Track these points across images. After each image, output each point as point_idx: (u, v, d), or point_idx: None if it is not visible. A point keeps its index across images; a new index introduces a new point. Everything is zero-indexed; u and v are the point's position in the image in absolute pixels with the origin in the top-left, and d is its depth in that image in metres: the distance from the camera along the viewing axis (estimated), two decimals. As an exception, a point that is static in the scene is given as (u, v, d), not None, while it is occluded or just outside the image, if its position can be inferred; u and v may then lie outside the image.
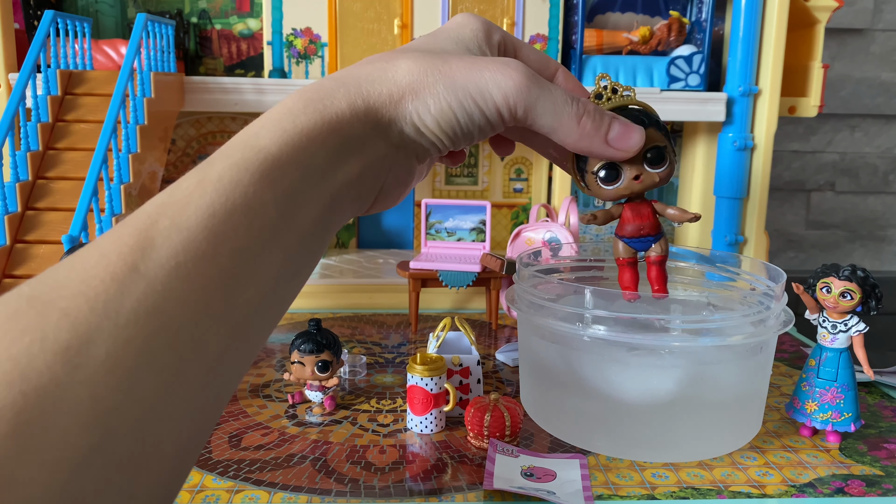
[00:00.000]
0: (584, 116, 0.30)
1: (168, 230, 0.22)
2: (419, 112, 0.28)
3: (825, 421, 0.65)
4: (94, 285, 0.21)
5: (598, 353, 0.62)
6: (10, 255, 0.84)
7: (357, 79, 0.28)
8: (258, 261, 0.24)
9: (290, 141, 0.25)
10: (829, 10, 1.10)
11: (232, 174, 0.24)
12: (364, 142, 0.27)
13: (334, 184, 0.26)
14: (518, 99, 0.28)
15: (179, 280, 0.22)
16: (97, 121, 0.93)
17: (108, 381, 0.20)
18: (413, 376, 0.68)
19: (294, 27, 1.12)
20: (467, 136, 0.29)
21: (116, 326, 0.20)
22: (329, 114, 0.26)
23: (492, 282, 0.99)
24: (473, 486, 0.59)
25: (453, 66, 0.28)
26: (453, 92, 0.27)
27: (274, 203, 0.24)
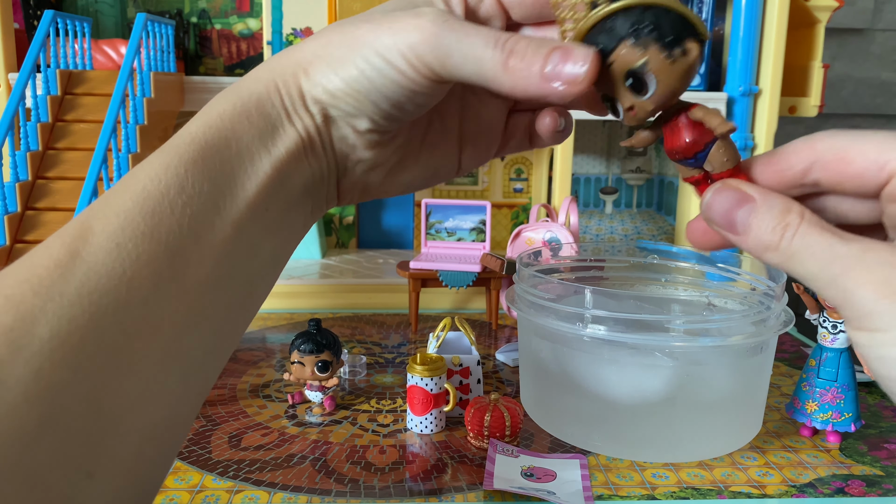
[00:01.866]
0: (512, 58, 0.25)
1: (106, 217, 0.23)
2: (326, 75, 0.27)
3: (825, 421, 0.65)
4: (38, 273, 0.22)
5: (598, 354, 0.61)
6: (10, 255, 0.84)
7: (271, 61, 0.28)
8: (202, 236, 0.24)
9: (214, 123, 0.26)
10: (830, 10, 1.10)
11: (161, 159, 0.25)
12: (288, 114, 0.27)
13: (274, 157, 0.26)
14: (424, 49, 0.25)
15: (122, 260, 0.22)
16: (97, 121, 0.93)
17: (52, 357, 0.21)
18: (413, 376, 0.68)
19: (294, 27, 1.12)
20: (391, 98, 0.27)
21: (60, 307, 0.21)
22: (245, 94, 0.27)
23: (492, 282, 0.99)
24: (473, 486, 0.59)
25: (362, 25, 0.27)
26: (357, 50, 0.26)
27: (209, 180, 0.25)
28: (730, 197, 0.25)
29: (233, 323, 0.26)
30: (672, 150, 0.29)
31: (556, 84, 0.25)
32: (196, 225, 0.24)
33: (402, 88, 0.27)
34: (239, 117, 0.26)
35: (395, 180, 0.32)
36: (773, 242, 0.24)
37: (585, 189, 1.31)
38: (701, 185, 0.30)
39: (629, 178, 1.31)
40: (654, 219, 1.33)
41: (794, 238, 0.23)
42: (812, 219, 0.23)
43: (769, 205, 0.24)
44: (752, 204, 0.24)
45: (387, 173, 0.31)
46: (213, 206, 0.25)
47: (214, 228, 0.25)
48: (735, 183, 0.26)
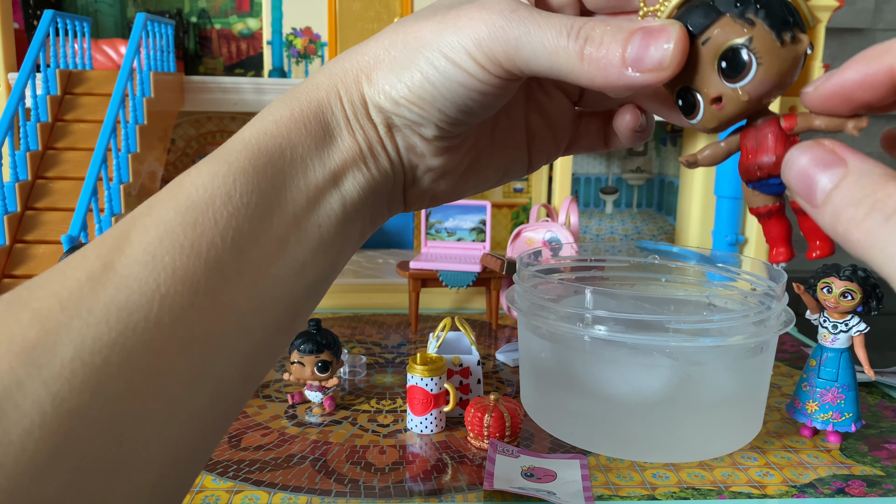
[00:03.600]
0: (588, 46, 0.22)
1: (145, 226, 0.22)
2: (389, 82, 0.25)
3: (826, 421, 0.65)
4: (68, 285, 0.20)
5: (598, 354, 0.61)
6: (10, 254, 0.84)
7: (330, 65, 0.26)
8: (245, 251, 0.23)
9: (269, 130, 0.24)
10: (830, 10, 1.10)
11: (210, 167, 0.23)
12: (349, 122, 0.25)
13: (329, 167, 0.25)
14: (493, 43, 0.23)
15: (156, 274, 0.21)
16: (97, 120, 0.93)
17: (73, 380, 0.19)
18: (413, 376, 0.68)
19: (294, 27, 1.12)
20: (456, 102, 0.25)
21: (86, 325, 0.20)
22: (305, 100, 0.25)
23: (492, 282, 0.99)
24: (473, 486, 0.58)
25: (424, 24, 0.25)
26: (420, 52, 0.24)
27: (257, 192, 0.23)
28: (817, 155, 0.20)
29: (271, 344, 0.24)
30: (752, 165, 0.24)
31: (637, 72, 0.22)
32: (240, 239, 0.22)
33: (470, 91, 0.25)
34: (296, 124, 0.25)
35: (467, 183, 0.30)
36: (855, 218, 0.18)
37: (585, 189, 1.31)
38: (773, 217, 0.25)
39: (629, 178, 1.31)
40: (654, 219, 1.33)
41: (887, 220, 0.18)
42: None
43: (862, 171, 0.19)
44: (843, 168, 0.19)
45: (459, 178, 0.29)
46: (259, 220, 0.23)
47: (259, 243, 0.23)
48: (830, 143, 0.20)
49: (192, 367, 0.21)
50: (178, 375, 0.21)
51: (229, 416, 0.24)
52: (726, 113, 0.23)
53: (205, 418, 0.23)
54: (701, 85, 0.23)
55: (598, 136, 0.31)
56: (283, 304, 0.24)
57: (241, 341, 0.23)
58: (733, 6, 0.22)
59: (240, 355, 0.23)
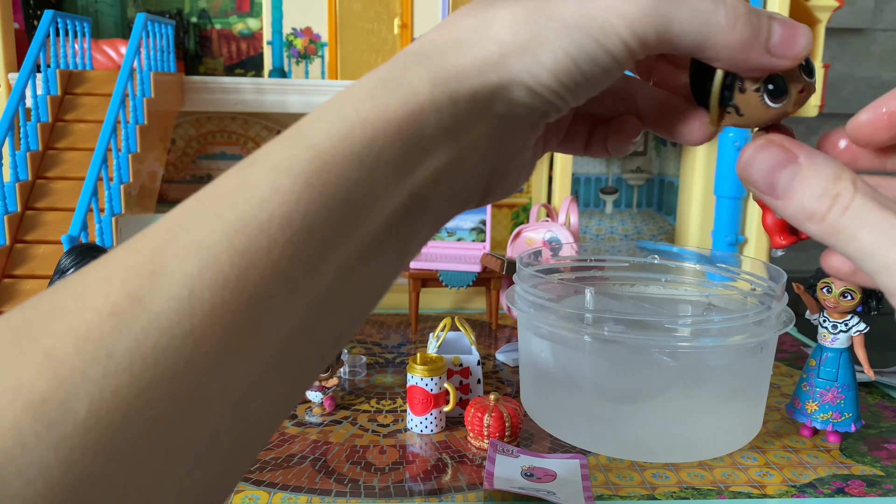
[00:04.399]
0: (738, 20, 0.22)
1: (185, 250, 0.18)
2: (531, 70, 0.22)
3: (826, 421, 0.65)
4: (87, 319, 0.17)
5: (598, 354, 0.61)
6: (10, 255, 0.84)
7: (441, 47, 0.22)
8: (298, 283, 0.19)
9: (348, 134, 0.20)
10: (830, 9, 1.10)
11: (272, 179, 0.19)
12: (456, 124, 0.21)
13: (416, 180, 0.21)
14: (647, 23, 0.22)
15: (192, 313, 0.18)
16: (97, 120, 0.93)
17: (86, 441, 0.16)
18: (413, 376, 0.68)
19: (294, 27, 1.12)
20: (592, 84, 0.23)
21: (105, 374, 0.17)
22: (404, 94, 0.21)
23: (492, 282, 0.99)
24: (473, 486, 0.59)
25: (560, 4, 0.22)
26: (568, 35, 0.22)
27: (324, 212, 0.19)
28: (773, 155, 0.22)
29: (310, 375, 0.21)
30: None
31: (777, 59, 0.23)
32: (294, 271, 0.19)
33: (609, 72, 0.23)
34: (386, 126, 0.20)
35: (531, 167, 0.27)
36: (818, 212, 0.21)
37: (585, 189, 1.31)
38: None
39: (629, 178, 1.31)
40: (654, 219, 1.33)
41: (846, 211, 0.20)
42: (866, 190, 0.20)
43: (816, 168, 0.21)
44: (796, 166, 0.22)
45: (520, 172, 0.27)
46: (321, 245, 0.19)
47: (317, 273, 0.19)
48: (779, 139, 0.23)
49: (221, 415, 0.18)
50: (206, 427, 0.18)
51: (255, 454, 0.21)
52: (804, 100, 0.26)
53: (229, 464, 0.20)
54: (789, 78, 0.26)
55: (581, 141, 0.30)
56: (330, 333, 0.21)
57: (278, 381, 0.20)
58: None
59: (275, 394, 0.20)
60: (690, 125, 0.27)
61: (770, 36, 0.23)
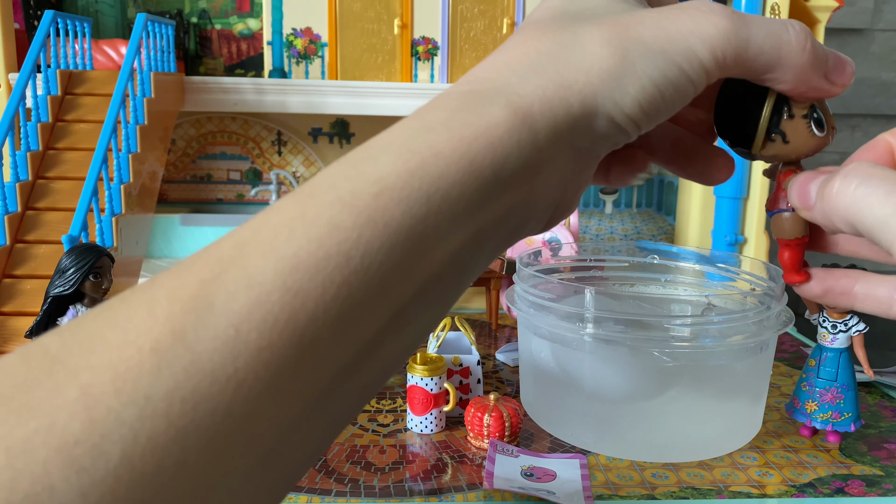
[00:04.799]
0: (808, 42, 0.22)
1: (235, 285, 0.17)
2: (616, 99, 0.21)
3: (825, 421, 0.65)
4: (128, 356, 0.16)
5: (598, 354, 0.62)
6: (10, 255, 0.84)
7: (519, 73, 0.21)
8: (352, 325, 0.18)
9: (418, 168, 0.19)
10: (829, 10, 1.10)
11: (332, 213, 0.18)
12: (534, 158, 0.20)
13: (483, 219, 0.20)
14: (727, 47, 0.21)
15: (236, 355, 0.16)
16: (97, 121, 0.93)
17: (116, 490, 0.15)
18: (413, 376, 0.68)
19: (294, 27, 1.12)
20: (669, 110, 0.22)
21: (141, 418, 0.16)
22: (482, 125, 0.19)
23: (492, 282, 0.99)
24: (473, 486, 0.59)
25: (639, 26, 0.21)
26: (651, 61, 0.21)
27: (385, 251, 0.18)
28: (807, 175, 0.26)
29: (350, 415, 0.20)
30: None
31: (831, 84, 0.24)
32: (347, 311, 0.18)
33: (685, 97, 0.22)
34: (459, 160, 0.19)
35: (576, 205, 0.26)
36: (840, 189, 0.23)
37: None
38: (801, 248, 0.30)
39: (629, 178, 1.31)
40: (654, 219, 1.33)
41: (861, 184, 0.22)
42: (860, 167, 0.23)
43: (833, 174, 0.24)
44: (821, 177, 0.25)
45: None
46: (378, 287, 0.18)
47: (371, 314, 0.18)
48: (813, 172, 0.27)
49: (258, 460, 0.18)
50: (241, 471, 0.17)
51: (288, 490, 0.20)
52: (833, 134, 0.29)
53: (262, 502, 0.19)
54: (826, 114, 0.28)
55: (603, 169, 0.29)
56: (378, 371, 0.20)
57: (317, 421, 0.19)
58: None
59: (313, 435, 0.19)
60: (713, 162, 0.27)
61: (828, 60, 0.23)
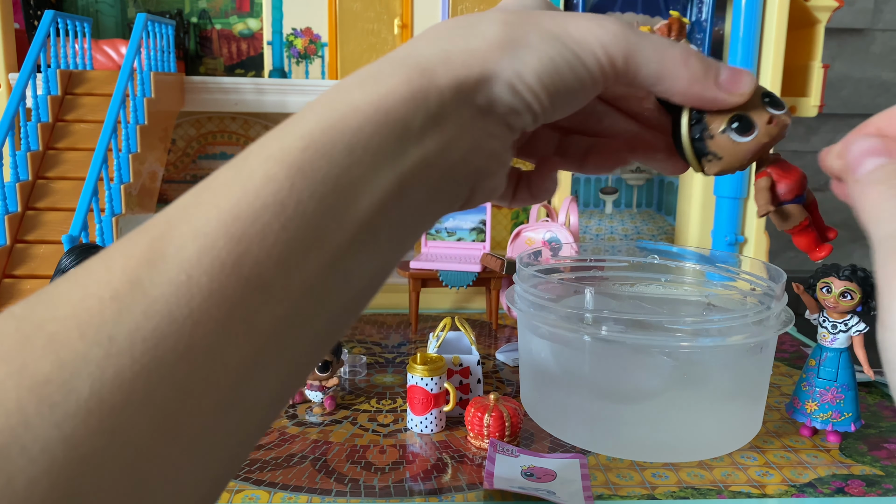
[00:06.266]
0: (690, 57, 0.26)
1: (182, 238, 0.19)
2: (516, 67, 0.23)
3: (825, 421, 0.65)
4: (89, 305, 0.18)
5: (598, 354, 0.62)
6: (10, 254, 0.84)
7: (429, 42, 0.24)
8: (293, 266, 0.20)
9: (338, 122, 0.21)
10: (829, 10, 1.10)
11: (266, 168, 0.20)
12: (442, 111, 0.22)
13: (403, 166, 0.22)
14: (617, 47, 0.24)
15: (190, 297, 0.18)
16: (97, 121, 0.93)
17: (88, 421, 0.17)
18: (413, 376, 0.68)
19: (294, 27, 1.12)
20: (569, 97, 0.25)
21: (107, 356, 0.17)
22: (393, 83, 0.22)
23: (492, 282, 0.99)
24: (473, 486, 0.59)
25: (540, 17, 0.24)
26: (551, 41, 0.24)
27: (316, 197, 0.20)
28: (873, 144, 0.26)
29: (307, 361, 0.22)
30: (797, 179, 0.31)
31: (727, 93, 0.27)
32: (288, 254, 0.20)
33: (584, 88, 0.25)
34: (375, 114, 0.21)
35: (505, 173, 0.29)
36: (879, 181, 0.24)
37: (585, 189, 1.31)
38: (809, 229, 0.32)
39: (629, 178, 1.31)
40: (654, 219, 1.33)
41: None
42: None
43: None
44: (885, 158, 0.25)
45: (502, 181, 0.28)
46: (313, 230, 0.20)
47: (309, 257, 0.20)
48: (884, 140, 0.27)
49: (219, 398, 0.19)
50: (203, 408, 0.19)
51: (255, 441, 0.22)
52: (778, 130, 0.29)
53: (229, 449, 0.21)
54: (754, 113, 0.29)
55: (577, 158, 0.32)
56: (325, 318, 0.22)
57: (275, 364, 0.21)
58: None
59: (272, 378, 0.21)
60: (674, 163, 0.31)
61: (718, 74, 0.27)
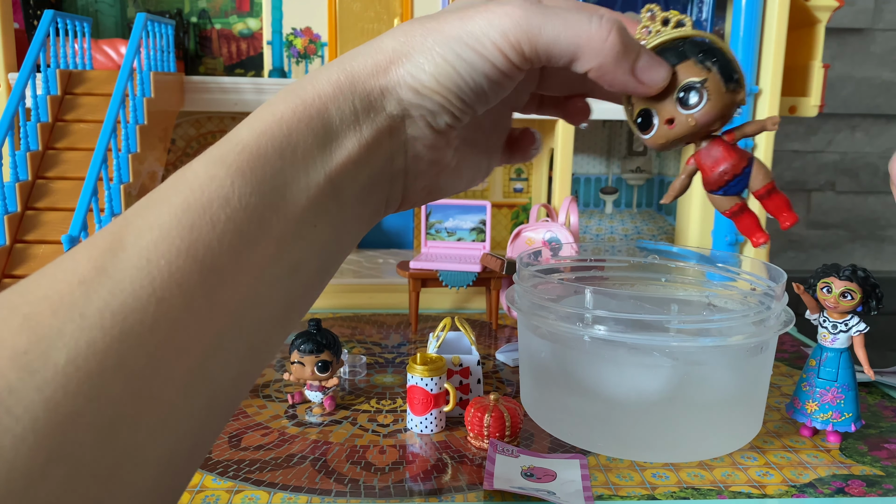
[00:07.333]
0: (612, 32, 0.26)
1: (140, 229, 0.21)
2: (412, 73, 0.26)
3: (825, 421, 0.65)
4: (59, 289, 0.20)
5: (598, 354, 0.62)
6: (10, 254, 0.84)
7: (340, 60, 0.26)
8: (242, 253, 0.23)
9: (268, 130, 0.24)
10: (830, 9, 1.10)
11: (208, 169, 0.23)
12: (356, 119, 0.25)
13: (329, 166, 0.25)
14: (519, 32, 0.25)
15: (151, 278, 0.21)
16: (97, 120, 0.93)
17: (67, 385, 0.19)
18: (413, 376, 0.68)
19: (294, 27, 1.12)
20: (477, 91, 0.26)
21: (80, 329, 0.19)
22: (309, 96, 0.25)
23: (492, 282, 0.99)
24: (473, 486, 0.59)
25: (443, 20, 0.26)
26: (446, 44, 0.25)
27: (257, 194, 0.23)
28: None
29: (266, 342, 0.25)
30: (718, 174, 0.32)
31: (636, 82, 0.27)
32: (237, 241, 0.22)
33: (489, 80, 0.26)
34: (298, 123, 0.24)
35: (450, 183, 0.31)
36: None
37: (585, 189, 1.31)
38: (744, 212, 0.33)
39: (629, 178, 1.31)
40: (654, 219, 1.33)
41: None
42: None
43: None
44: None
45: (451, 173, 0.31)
46: (257, 222, 0.23)
47: (257, 245, 0.23)
48: None
49: (187, 369, 0.21)
50: (174, 378, 0.21)
51: (225, 415, 0.24)
52: (675, 133, 0.29)
53: (200, 419, 0.23)
54: (660, 109, 0.29)
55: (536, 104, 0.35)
56: (278, 303, 0.24)
57: (236, 342, 0.23)
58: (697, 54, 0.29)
59: (235, 356, 0.23)
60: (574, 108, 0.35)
61: (638, 58, 0.27)
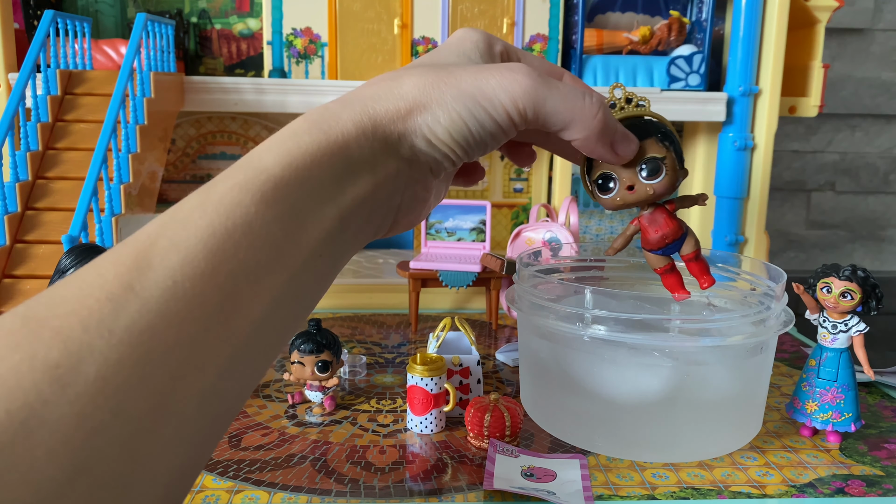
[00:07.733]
0: (601, 111, 0.30)
1: (166, 250, 0.22)
2: (429, 124, 0.28)
3: (825, 421, 0.65)
4: (88, 304, 0.21)
5: (598, 354, 0.62)
6: (10, 255, 0.84)
7: (362, 99, 0.28)
8: (260, 280, 0.24)
9: (293, 162, 0.25)
10: (830, 9, 1.10)
11: (233, 195, 0.24)
12: (373, 160, 0.27)
13: (343, 203, 0.26)
14: (526, 100, 0.28)
15: (176, 299, 0.22)
16: (97, 121, 0.93)
17: (96, 399, 0.20)
18: (413, 376, 0.68)
19: (294, 27, 1.12)
20: (480, 145, 0.29)
21: (109, 345, 0.20)
22: (334, 134, 0.26)
23: (492, 282, 0.99)
24: (473, 486, 0.59)
25: (459, 76, 0.28)
26: (462, 101, 0.28)
27: (277, 222, 0.24)
28: None
29: (268, 361, 0.26)
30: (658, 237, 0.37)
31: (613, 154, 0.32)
32: (256, 268, 0.24)
33: (495, 136, 0.29)
34: (322, 158, 0.26)
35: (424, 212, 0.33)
36: None
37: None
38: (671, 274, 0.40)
39: (629, 178, 1.31)
40: (654, 219, 1.33)
41: None
42: None
43: None
44: None
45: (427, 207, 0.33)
46: (276, 251, 0.24)
47: (272, 273, 0.24)
48: None
49: (203, 387, 0.22)
50: (191, 396, 0.22)
51: (228, 425, 0.26)
52: (633, 198, 0.35)
53: (210, 431, 0.24)
54: (621, 175, 0.34)
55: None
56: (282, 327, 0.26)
57: (246, 363, 0.24)
58: (656, 133, 0.34)
59: (243, 375, 0.24)
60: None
61: (616, 133, 0.31)
